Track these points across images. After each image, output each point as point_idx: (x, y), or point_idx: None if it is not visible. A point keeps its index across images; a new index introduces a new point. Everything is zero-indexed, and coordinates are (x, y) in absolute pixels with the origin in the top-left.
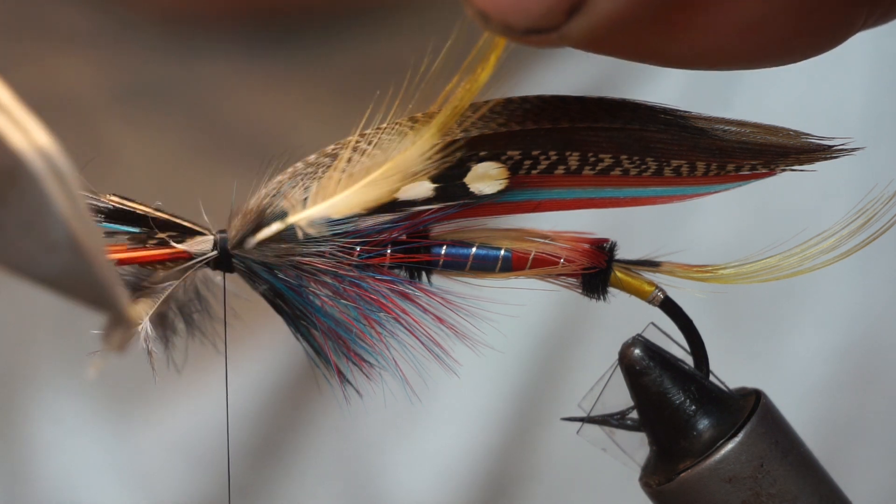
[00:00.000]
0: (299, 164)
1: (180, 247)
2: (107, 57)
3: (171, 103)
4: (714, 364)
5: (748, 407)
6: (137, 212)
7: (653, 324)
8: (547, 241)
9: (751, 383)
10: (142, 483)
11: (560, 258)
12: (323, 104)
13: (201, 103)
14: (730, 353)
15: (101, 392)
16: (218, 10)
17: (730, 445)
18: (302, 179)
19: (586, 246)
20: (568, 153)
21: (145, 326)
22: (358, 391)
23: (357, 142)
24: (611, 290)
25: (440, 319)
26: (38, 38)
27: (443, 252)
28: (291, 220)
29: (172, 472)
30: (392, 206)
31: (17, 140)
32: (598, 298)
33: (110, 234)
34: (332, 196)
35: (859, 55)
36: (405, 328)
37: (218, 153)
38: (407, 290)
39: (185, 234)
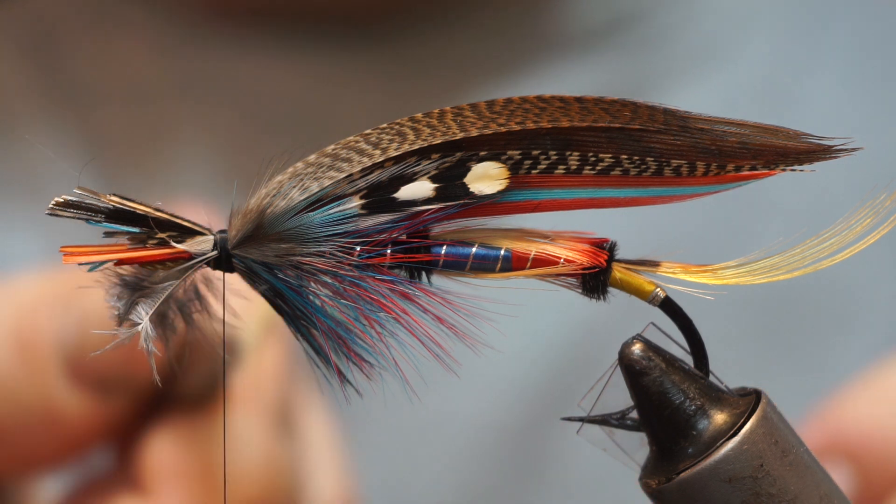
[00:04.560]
0: (299, 164)
1: (180, 247)
2: (167, 49)
3: (220, 94)
4: (713, 363)
5: (748, 407)
6: (137, 212)
7: (653, 324)
8: (547, 240)
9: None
10: None
11: (560, 258)
12: (365, 102)
13: (247, 96)
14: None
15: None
16: (263, 8)
17: (729, 445)
18: (302, 179)
19: (586, 246)
20: (568, 153)
21: (145, 326)
22: (358, 391)
23: (356, 141)
24: (611, 290)
25: (440, 319)
26: (109, 32)
27: (443, 252)
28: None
29: None
30: (392, 205)
31: None
32: (598, 298)
33: (110, 234)
34: None
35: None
36: (405, 328)
37: (260, 145)
38: (407, 290)
39: (186, 233)
